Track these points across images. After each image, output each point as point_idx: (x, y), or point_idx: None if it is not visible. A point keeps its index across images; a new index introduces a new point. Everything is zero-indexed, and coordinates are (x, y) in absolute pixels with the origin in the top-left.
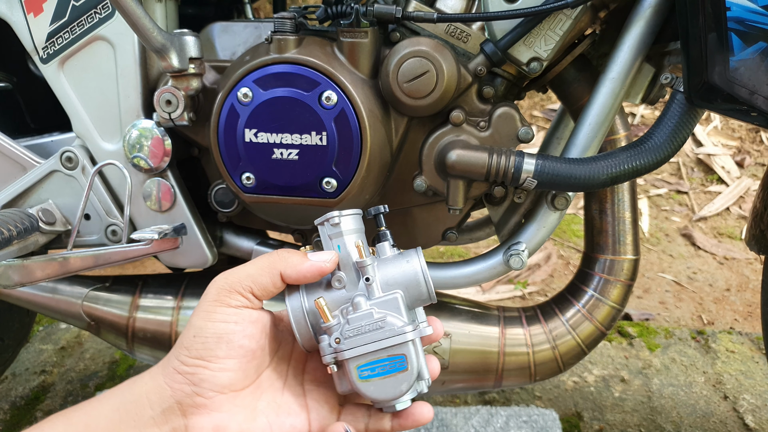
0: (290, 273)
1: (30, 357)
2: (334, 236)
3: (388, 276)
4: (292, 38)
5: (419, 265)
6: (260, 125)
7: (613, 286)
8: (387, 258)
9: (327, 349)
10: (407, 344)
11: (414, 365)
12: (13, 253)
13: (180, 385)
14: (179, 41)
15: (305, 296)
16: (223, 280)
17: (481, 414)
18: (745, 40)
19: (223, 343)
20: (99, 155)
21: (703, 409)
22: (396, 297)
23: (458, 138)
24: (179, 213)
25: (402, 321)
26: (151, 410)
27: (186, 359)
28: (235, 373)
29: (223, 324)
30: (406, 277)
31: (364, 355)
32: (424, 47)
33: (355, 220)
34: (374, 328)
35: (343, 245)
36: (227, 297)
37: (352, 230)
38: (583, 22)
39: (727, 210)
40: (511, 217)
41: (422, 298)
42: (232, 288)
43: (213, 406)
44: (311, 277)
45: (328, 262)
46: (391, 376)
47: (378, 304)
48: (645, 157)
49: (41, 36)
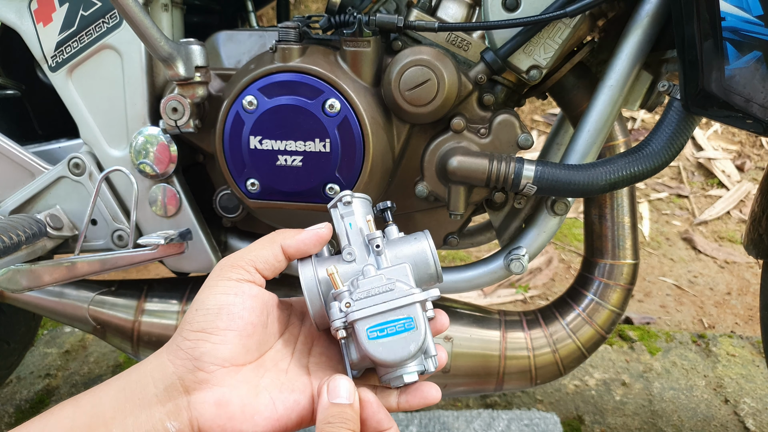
0: (290, 243)
1: (34, 360)
2: (345, 215)
3: (396, 252)
4: (296, 47)
5: (427, 244)
6: (265, 132)
7: (612, 290)
8: (395, 238)
9: (337, 314)
10: (415, 306)
11: (422, 327)
12: (22, 258)
13: (182, 360)
14: (185, 50)
15: (317, 267)
16: (227, 259)
17: (483, 417)
18: (740, 49)
19: (223, 313)
20: (106, 161)
21: (704, 412)
22: (404, 265)
23: (459, 144)
24: (185, 218)
25: (409, 285)
26: (154, 388)
27: (188, 333)
28: (235, 346)
29: (223, 296)
30: (414, 253)
31: (373, 316)
32: (425, 56)
33: (365, 203)
34: (384, 290)
35: (354, 223)
36: (228, 271)
37: (362, 211)
38: (581, 31)
39: (728, 214)
40: (511, 222)
41: (429, 274)
42: (233, 264)
43: (214, 381)
44: (311, 244)
45: (323, 228)
46: (400, 337)
47: (388, 273)
48: (643, 163)
49: (50, 45)
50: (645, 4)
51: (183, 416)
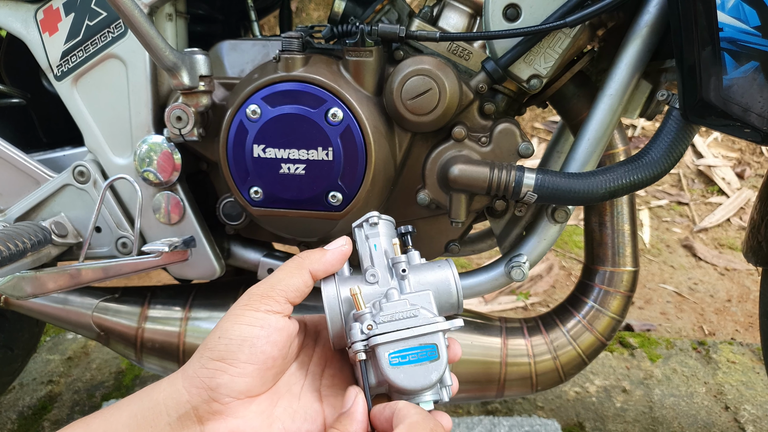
0: (317, 267)
1: (37, 367)
2: (371, 236)
3: (420, 278)
4: (299, 57)
5: (451, 272)
6: (268, 141)
7: (612, 297)
8: (418, 264)
9: (358, 335)
10: (439, 334)
11: (444, 356)
12: (27, 265)
13: (197, 389)
14: (190, 60)
15: (339, 286)
16: (256, 288)
17: (484, 424)
18: (738, 59)
19: (246, 346)
20: (110, 169)
21: (704, 419)
22: (428, 293)
23: (460, 153)
24: (188, 226)
25: (433, 313)
26: (167, 416)
27: (207, 361)
28: (253, 379)
29: (249, 327)
30: (438, 281)
31: (396, 342)
32: (427, 65)
33: (389, 225)
34: (408, 316)
35: (379, 245)
36: (258, 302)
37: (387, 233)
38: (581, 40)
39: (728, 221)
40: (512, 229)
41: (451, 304)
42: (264, 294)
43: (229, 412)
44: (337, 263)
45: (346, 245)
46: (422, 365)
47: (410, 298)
48: (642, 171)
49: (56, 54)
50: (644, 14)
51: None
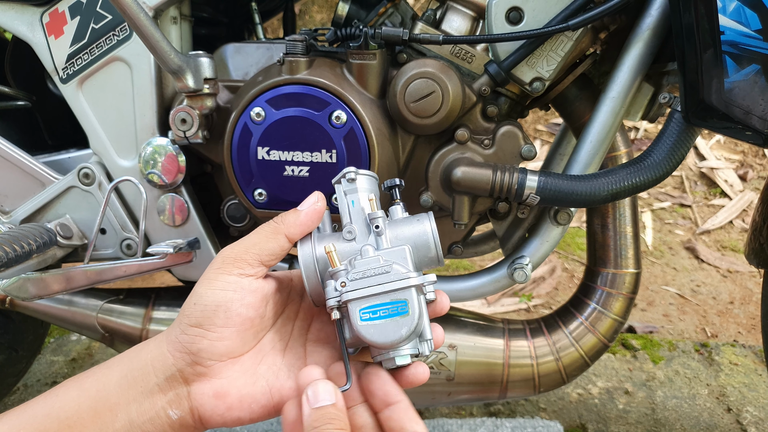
0: (293, 231)
1: (41, 368)
2: (349, 192)
3: (397, 233)
4: (303, 60)
5: (429, 226)
6: (272, 143)
7: (615, 299)
8: (398, 219)
9: (332, 293)
10: (410, 290)
11: (415, 311)
12: (32, 267)
13: (180, 354)
14: (194, 62)
15: (316, 244)
16: (230, 250)
17: (487, 425)
18: (739, 62)
19: (221, 311)
20: (115, 171)
21: (707, 421)
22: (404, 248)
23: (463, 155)
24: (192, 227)
25: (406, 268)
26: (155, 377)
27: (186, 327)
28: (232, 342)
29: (222, 292)
30: (415, 235)
31: (366, 298)
32: (430, 68)
33: (370, 181)
34: (379, 272)
35: (356, 200)
36: (230, 265)
37: (366, 188)
38: (584, 43)
39: (731, 223)
40: (515, 231)
41: (430, 257)
42: (237, 257)
43: (213, 373)
44: (312, 223)
45: (318, 202)
46: (392, 320)
47: (386, 254)
48: (644, 174)
49: (61, 57)
50: (646, 17)
51: (184, 405)
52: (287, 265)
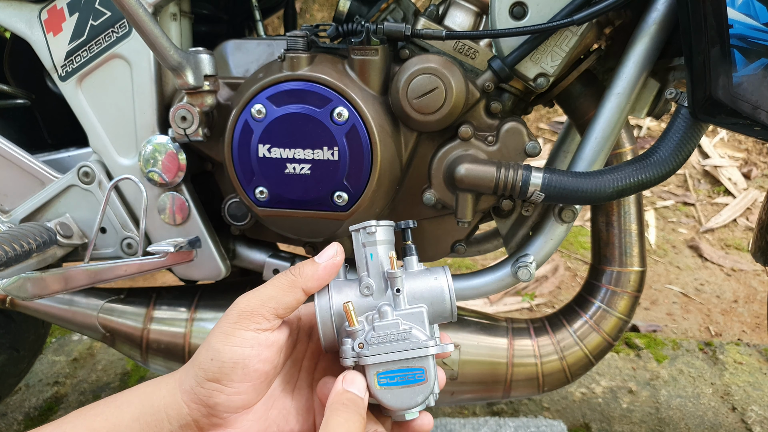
0: (311, 285)
1: (43, 368)
2: (368, 244)
3: (415, 289)
4: (305, 56)
5: (446, 283)
6: (273, 141)
7: (620, 297)
8: (415, 272)
9: (349, 352)
10: (428, 358)
11: (432, 379)
12: (32, 266)
13: (196, 405)
14: (194, 59)
15: (333, 297)
16: (246, 302)
17: (490, 425)
18: (748, 56)
19: (239, 368)
20: (115, 170)
21: (711, 420)
22: (422, 311)
23: (467, 152)
24: (193, 226)
25: (425, 335)
26: (170, 425)
27: (202, 381)
28: (248, 395)
29: (240, 349)
30: (432, 292)
31: (385, 363)
32: (433, 64)
33: (388, 231)
34: (399, 339)
35: (375, 254)
36: (247, 320)
37: (385, 240)
38: (588, 39)
39: (734, 221)
40: (518, 229)
41: (444, 316)
42: (253, 311)
43: (228, 424)
44: (329, 276)
45: (336, 256)
46: (409, 387)
47: (404, 316)
48: (650, 170)
49: (60, 54)
50: (652, 12)
51: None
52: (288, 264)
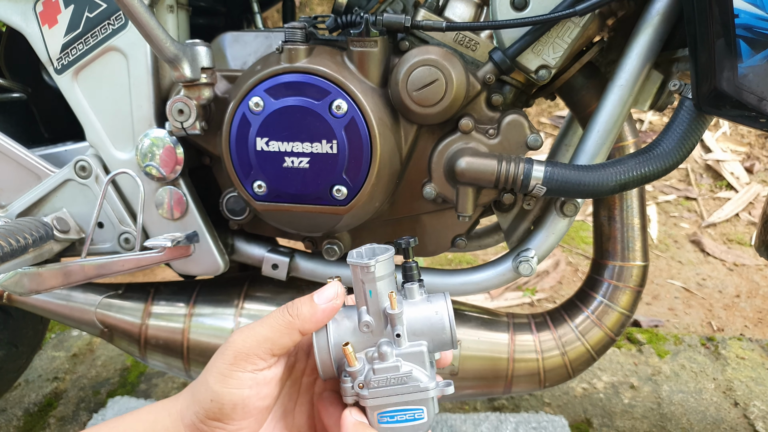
0: (308, 327)
1: (42, 364)
2: (366, 281)
3: (415, 324)
4: (303, 48)
5: (447, 316)
6: (271, 134)
7: (622, 292)
8: (415, 302)
9: (349, 390)
10: (428, 399)
11: (431, 417)
12: (29, 261)
13: None
14: (191, 51)
15: (332, 335)
16: (242, 342)
17: (491, 420)
18: (753, 46)
19: (239, 408)
20: (112, 164)
21: (714, 415)
22: (422, 351)
23: (467, 145)
24: (191, 221)
25: (426, 375)
26: None
27: (203, 419)
28: (250, 428)
29: (238, 391)
30: (432, 327)
31: (386, 405)
32: (433, 56)
33: (388, 264)
34: (399, 382)
35: (374, 291)
36: (244, 362)
37: (384, 276)
38: (591, 30)
39: (737, 216)
40: (520, 223)
41: (445, 347)
42: (249, 352)
43: None
44: (327, 320)
45: (337, 299)
46: (410, 425)
47: (404, 356)
48: (654, 163)
49: (56, 47)
50: (656, 2)
51: None
52: (288, 259)
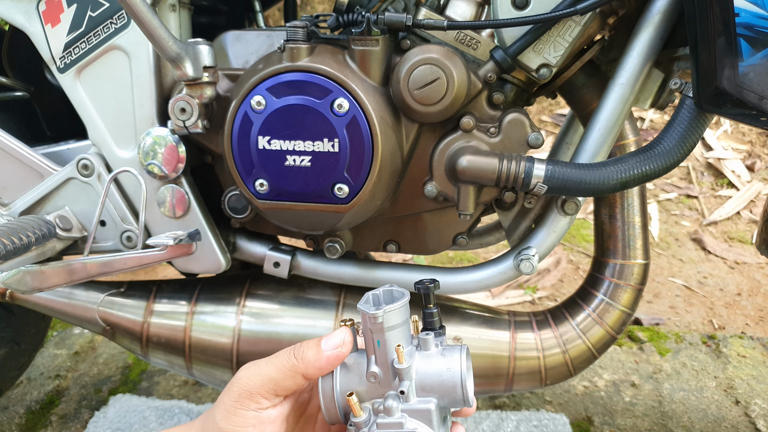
0: (312, 372)
1: (44, 362)
2: (375, 331)
3: (425, 380)
4: (305, 47)
5: (459, 374)
6: (273, 132)
7: (623, 290)
8: (429, 354)
9: None
10: None
11: None
12: (31, 259)
13: None
14: (193, 50)
15: (338, 383)
16: (246, 380)
17: (492, 418)
18: (754, 45)
19: None
20: (114, 163)
21: (715, 413)
22: (429, 409)
23: (468, 144)
24: (193, 219)
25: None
26: None
27: None
28: None
29: (241, 429)
30: (443, 384)
31: None
32: (434, 54)
33: (399, 313)
34: None
35: (383, 342)
36: (248, 400)
37: (394, 326)
38: (592, 29)
39: (738, 214)
40: (521, 222)
41: (457, 404)
42: (253, 391)
43: None
44: (333, 367)
45: (343, 347)
46: None
47: (410, 412)
48: (654, 162)
49: (58, 46)
50: (656, 1)
51: None
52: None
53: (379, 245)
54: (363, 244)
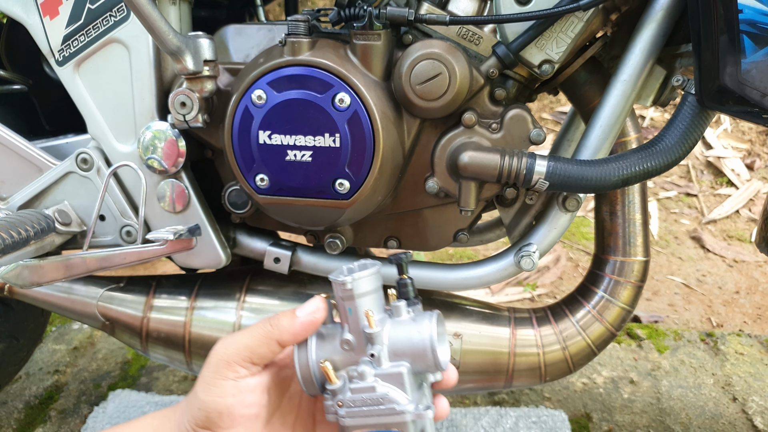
0: (286, 338)
1: (43, 357)
2: (345, 299)
3: (396, 344)
4: (306, 41)
5: (429, 339)
6: (274, 127)
7: (623, 287)
8: (401, 321)
9: (330, 408)
10: (406, 423)
11: None
12: (30, 254)
13: None
14: (194, 43)
15: (312, 352)
16: (223, 350)
17: (491, 415)
18: (757, 42)
19: (224, 416)
20: (114, 157)
21: (712, 410)
22: (401, 372)
23: (470, 140)
24: (193, 214)
25: (404, 398)
26: None
27: (195, 427)
28: None
29: (221, 399)
30: (414, 348)
31: (362, 425)
32: (436, 49)
33: (369, 281)
34: (375, 404)
35: (354, 309)
36: (225, 369)
37: (364, 293)
38: (594, 25)
39: (737, 213)
40: (522, 218)
41: (429, 369)
42: (230, 360)
43: None
44: (306, 333)
45: (317, 313)
46: None
47: (383, 377)
48: (656, 158)
49: (57, 39)
50: None
51: None
52: (290, 253)
53: (380, 241)
54: (364, 240)
